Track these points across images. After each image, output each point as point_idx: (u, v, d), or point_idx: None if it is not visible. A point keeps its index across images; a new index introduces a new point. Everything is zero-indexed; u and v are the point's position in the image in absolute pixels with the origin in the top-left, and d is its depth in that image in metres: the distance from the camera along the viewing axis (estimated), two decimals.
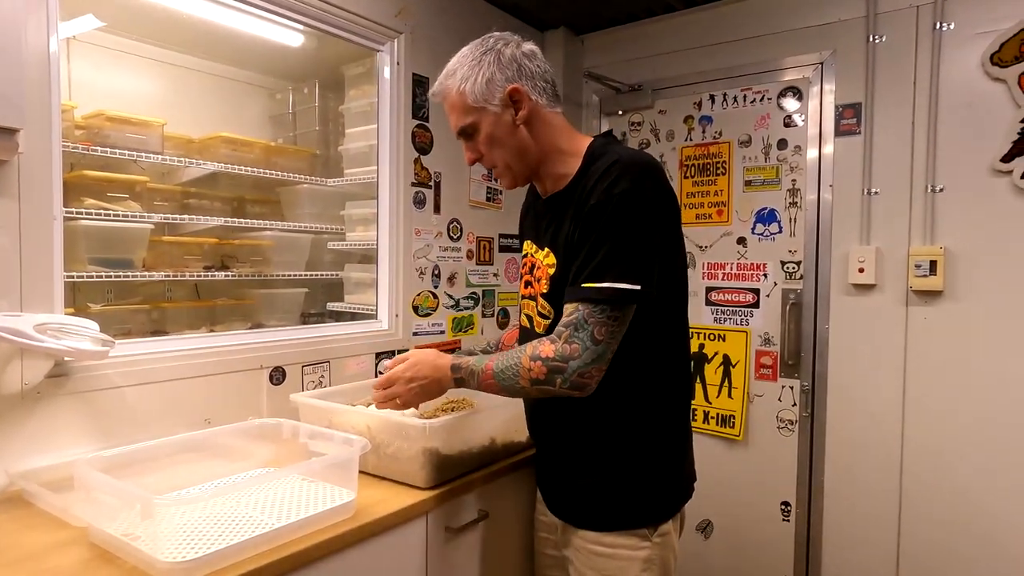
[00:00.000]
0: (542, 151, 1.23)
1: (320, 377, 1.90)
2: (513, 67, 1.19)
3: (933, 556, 2.10)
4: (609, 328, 1.09)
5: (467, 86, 1.19)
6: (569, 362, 1.09)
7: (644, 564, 1.20)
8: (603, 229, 1.10)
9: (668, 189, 1.17)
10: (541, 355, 1.11)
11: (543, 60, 1.24)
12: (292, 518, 1.13)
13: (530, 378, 1.12)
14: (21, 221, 1.30)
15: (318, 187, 2.27)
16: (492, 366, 1.17)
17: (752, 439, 2.44)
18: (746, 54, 2.43)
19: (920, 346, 2.10)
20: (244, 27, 1.96)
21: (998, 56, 1.94)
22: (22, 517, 1.18)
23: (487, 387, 1.19)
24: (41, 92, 1.32)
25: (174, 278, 1.89)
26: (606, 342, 1.09)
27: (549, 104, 1.23)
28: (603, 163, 1.14)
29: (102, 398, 1.43)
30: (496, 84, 1.18)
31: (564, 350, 1.09)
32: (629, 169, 1.11)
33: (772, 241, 2.39)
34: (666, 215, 1.16)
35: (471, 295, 2.45)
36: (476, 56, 1.21)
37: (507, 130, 1.20)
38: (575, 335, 1.09)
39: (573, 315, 1.10)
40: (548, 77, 1.24)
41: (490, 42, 1.22)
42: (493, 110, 1.19)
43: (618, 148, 1.20)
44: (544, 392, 1.13)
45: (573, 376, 1.09)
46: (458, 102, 1.22)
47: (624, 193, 1.09)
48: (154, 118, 1.82)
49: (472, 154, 1.27)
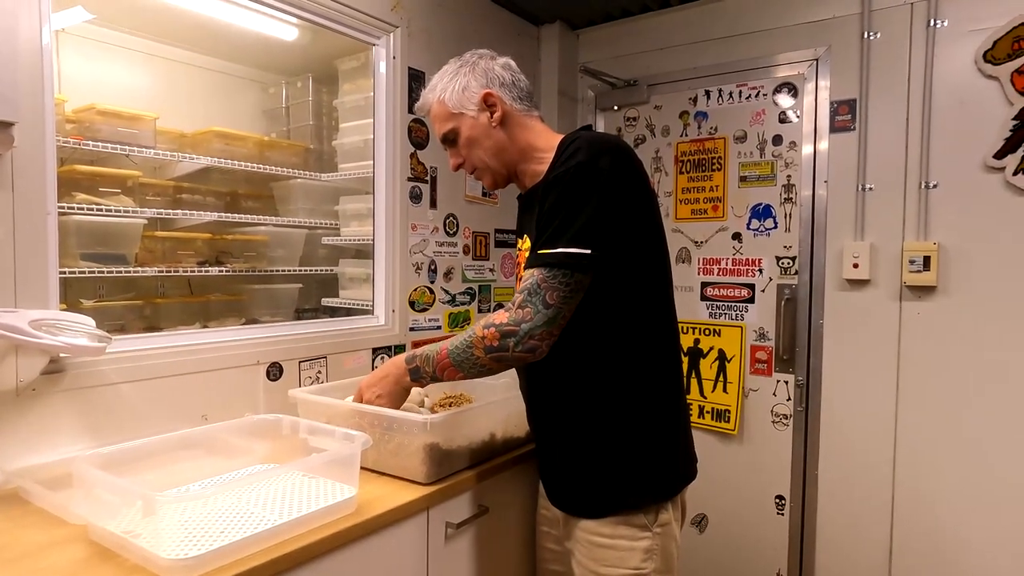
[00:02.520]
0: (519, 150, 1.32)
1: (317, 373, 1.89)
2: (486, 76, 1.31)
3: (926, 548, 2.12)
4: (561, 293, 1.13)
5: (446, 95, 1.32)
6: (521, 325, 1.14)
7: (645, 554, 1.21)
8: (559, 198, 1.15)
9: (631, 165, 1.19)
10: (495, 322, 1.16)
11: (517, 71, 1.36)
12: (294, 514, 1.12)
13: (484, 346, 1.16)
14: (15, 216, 1.28)
15: (312, 182, 2.25)
16: (446, 346, 1.23)
17: (747, 433, 2.46)
18: (741, 50, 2.44)
19: (913, 341, 2.12)
20: (237, 20, 1.94)
21: (991, 53, 1.95)
22: (19, 515, 1.16)
23: (443, 367, 1.24)
24: (34, 85, 1.30)
25: (167, 273, 1.87)
26: (557, 306, 1.13)
27: (524, 109, 1.33)
28: (568, 144, 1.21)
29: (98, 395, 1.41)
30: (472, 91, 1.30)
31: (517, 315, 1.14)
32: (588, 144, 1.17)
33: (767, 237, 2.41)
34: (627, 187, 1.17)
35: (467, 290, 2.45)
36: (453, 70, 1.34)
37: (484, 131, 1.31)
38: (528, 299, 1.14)
39: (528, 281, 1.15)
40: (521, 85, 1.35)
41: (467, 57, 1.35)
42: (470, 114, 1.31)
43: (587, 132, 1.26)
44: (499, 359, 1.17)
45: (524, 339, 1.13)
46: (439, 111, 1.34)
47: (580, 164, 1.14)
48: (146, 112, 1.80)
49: (455, 159, 1.38)
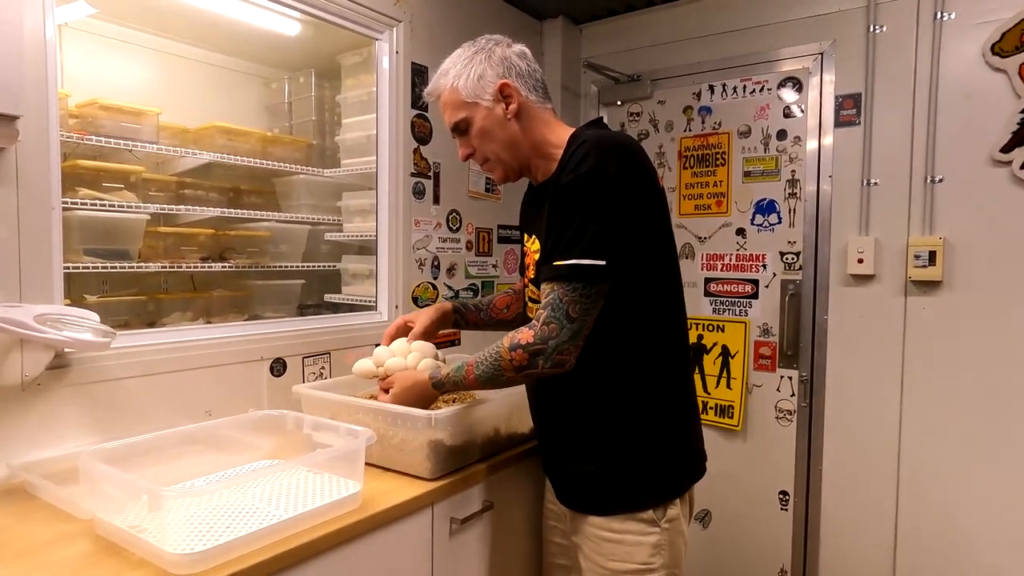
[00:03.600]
0: (532, 144, 1.28)
1: (321, 369, 1.88)
2: (503, 64, 1.26)
3: (931, 544, 2.12)
4: (583, 305, 1.13)
5: (460, 83, 1.26)
6: (548, 342, 1.13)
7: (653, 549, 1.21)
8: (571, 207, 1.14)
9: (641, 166, 1.18)
10: (521, 343, 1.15)
11: (532, 60, 1.31)
12: (299, 510, 1.12)
13: (513, 367, 1.17)
14: (19, 211, 1.28)
15: (314, 178, 2.24)
16: (473, 372, 1.22)
17: (751, 429, 2.45)
18: (746, 44, 2.42)
19: (918, 336, 2.12)
20: (239, 15, 1.93)
21: (999, 46, 1.94)
22: (26, 510, 1.16)
23: (470, 387, 1.27)
24: (37, 79, 1.30)
25: (170, 269, 1.87)
26: (580, 319, 1.13)
27: (539, 100, 1.29)
28: (577, 146, 1.18)
29: (103, 390, 1.41)
30: (488, 80, 1.25)
31: (543, 332, 1.14)
32: (596, 148, 1.15)
33: (771, 232, 2.40)
34: (637, 190, 1.16)
35: (470, 286, 2.45)
36: (468, 55, 1.28)
37: (498, 123, 1.26)
38: (552, 315, 1.13)
39: (549, 296, 1.15)
40: (537, 75, 1.30)
41: (481, 42, 1.29)
42: (485, 105, 1.26)
43: (595, 131, 1.23)
44: (529, 376, 1.18)
45: (554, 354, 1.14)
46: (451, 99, 1.28)
47: (590, 171, 1.12)
48: (149, 107, 1.79)
49: (465, 149, 1.33)
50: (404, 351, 1.43)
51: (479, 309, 1.60)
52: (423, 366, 1.38)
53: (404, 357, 1.42)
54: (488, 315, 1.60)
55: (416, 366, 1.40)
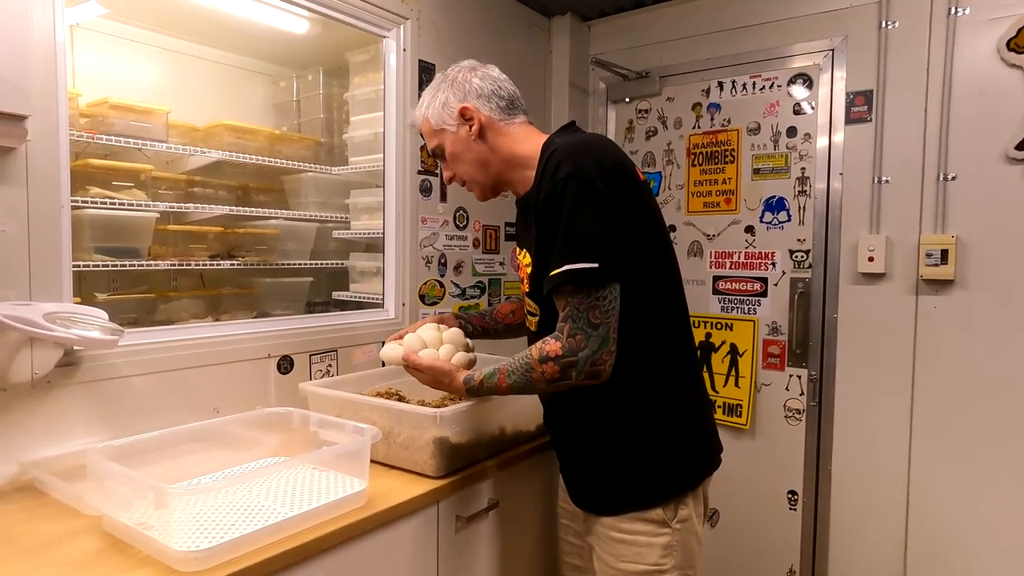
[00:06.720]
0: (502, 160, 1.31)
1: (328, 366, 1.89)
2: (463, 89, 1.31)
3: (941, 544, 2.10)
4: (601, 308, 1.12)
5: (430, 112, 1.34)
6: (578, 354, 1.12)
7: (664, 550, 1.20)
8: (555, 215, 1.14)
9: (616, 162, 1.17)
10: (550, 355, 1.14)
11: (498, 79, 1.34)
12: (304, 507, 1.13)
13: (546, 380, 1.16)
14: (29, 209, 1.29)
15: (322, 175, 2.25)
16: (506, 380, 1.22)
17: (759, 428, 2.44)
18: (755, 40, 2.40)
19: (930, 336, 2.09)
20: (248, 14, 1.94)
21: (1015, 42, 1.91)
22: (35, 506, 1.17)
23: (503, 394, 1.28)
24: (47, 79, 1.31)
25: (179, 267, 1.88)
26: (604, 322, 1.12)
27: (504, 117, 1.32)
28: (550, 155, 1.19)
29: (111, 387, 1.42)
30: (451, 106, 1.31)
31: (570, 344, 1.13)
32: (569, 153, 1.16)
33: (781, 230, 2.38)
34: (616, 187, 1.14)
35: (477, 284, 2.45)
36: (436, 85, 1.35)
37: (464, 145, 1.32)
38: (575, 327, 1.13)
39: (565, 309, 1.14)
40: (503, 93, 1.33)
41: (449, 71, 1.36)
42: (450, 129, 1.32)
43: (565, 137, 1.25)
44: (563, 387, 1.18)
45: (586, 366, 1.13)
46: (426, 128, 1.37)
47: (567, 176, 1.13)
48: (158, 106, 1.81)
49: (448, 172, 1.39)
50: (436, 341, 1.40)
51: (483, 316, 1.62)
52: (456, 360, 1.35)
53: (436, 348, 1.39)
54: (493, 319, 1.61)
55: (449, 359, 1.36)
